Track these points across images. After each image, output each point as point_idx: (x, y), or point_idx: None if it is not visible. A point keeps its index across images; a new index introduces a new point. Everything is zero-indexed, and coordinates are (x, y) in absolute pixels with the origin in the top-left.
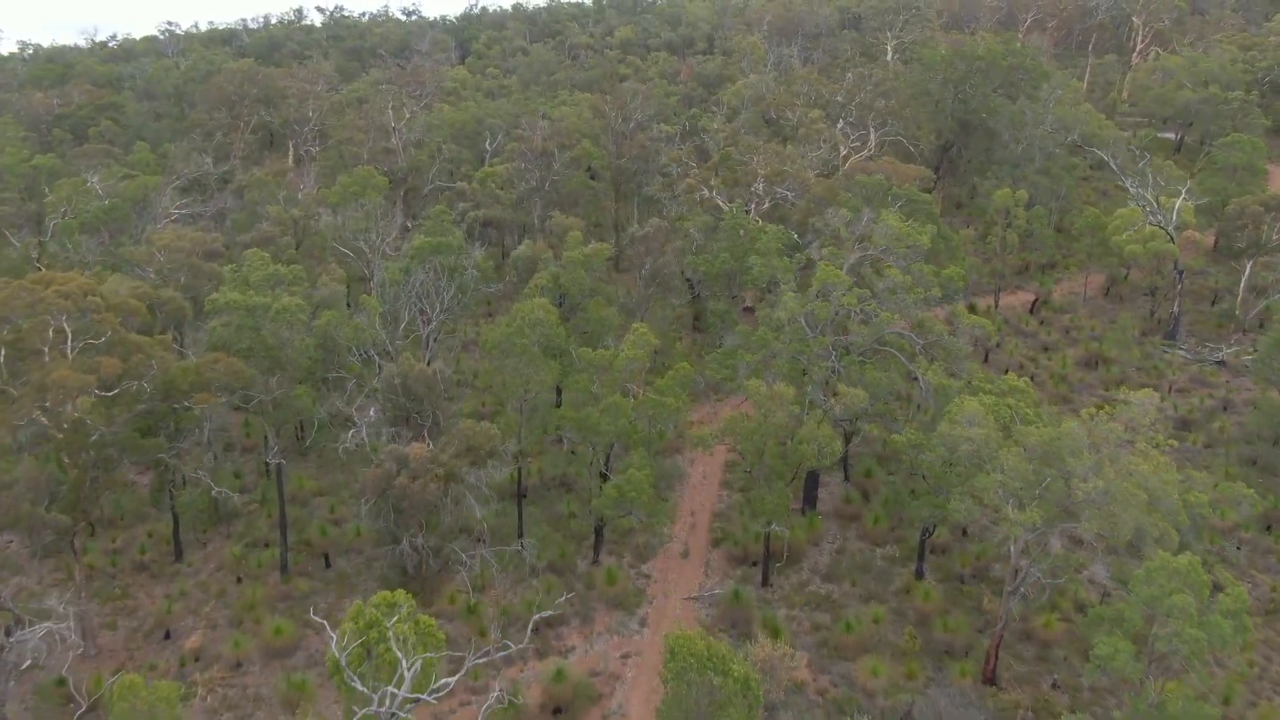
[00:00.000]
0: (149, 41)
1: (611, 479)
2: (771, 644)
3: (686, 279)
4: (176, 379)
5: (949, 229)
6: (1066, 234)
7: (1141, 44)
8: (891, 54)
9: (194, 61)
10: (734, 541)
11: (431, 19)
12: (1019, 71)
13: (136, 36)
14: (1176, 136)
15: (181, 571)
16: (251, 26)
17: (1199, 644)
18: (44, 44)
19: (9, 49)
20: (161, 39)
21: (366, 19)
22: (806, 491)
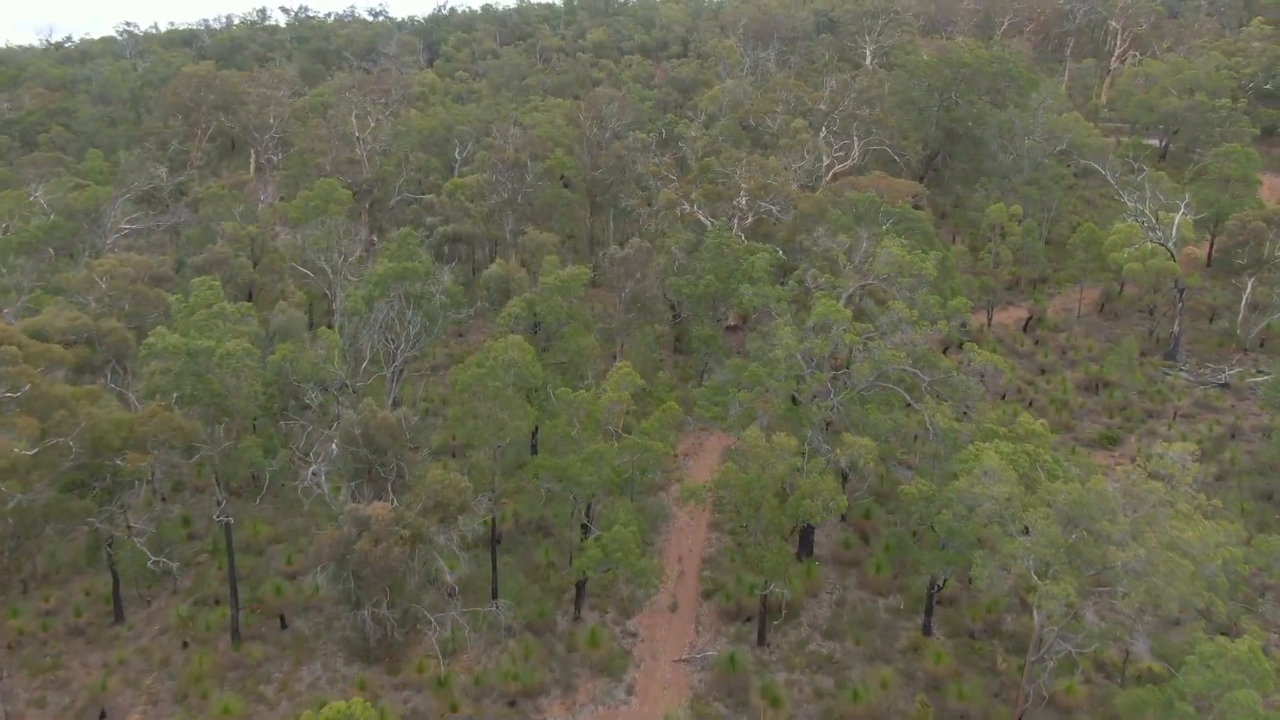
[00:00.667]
0: (106, 43)
1: (594, 532)
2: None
3: (668, 299)
4: (107, 435)
5: (944, 246)
6: (1056, 245)
7: (1120, 48)
8: (871, 59)
9: (153, 64)
10: (726, 595)
11: (399, 19)
12: (1005, 79)
13: (95, 37)
14: (1161, 143)
15: (121, 636)
16: (214, 26)
17: None
18: None
19: None
20: (120, 40)
21: (332, 20)
22: (802, 536)
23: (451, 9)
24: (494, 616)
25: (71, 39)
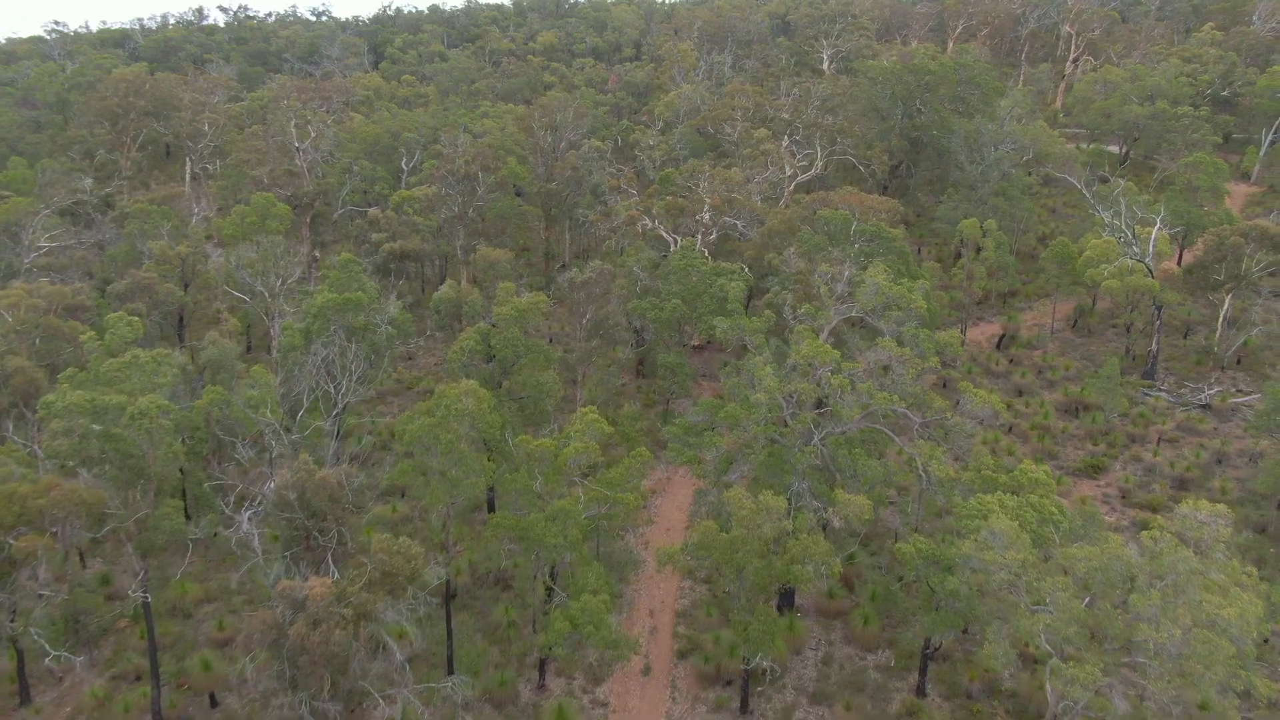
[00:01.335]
0: (34, 43)
1: (558, 595)
2: None
3: (630, 322)
4: None
5: (921, 267)
6: (1023, 256)
7: (1074, 53)
8: (829, 63)
9: (81, 65)
10: (704, 656)
11: (343, 20)
12: (969, 86)
13: (22, 36)
14: (1121, 150)
15: None
16: (149, 26)
17: None
18: None
19: None
20: (48, 40)
21: (273, 20)
22: (783, 588)
23: (397, 9)
24: (449, 692)
25: None
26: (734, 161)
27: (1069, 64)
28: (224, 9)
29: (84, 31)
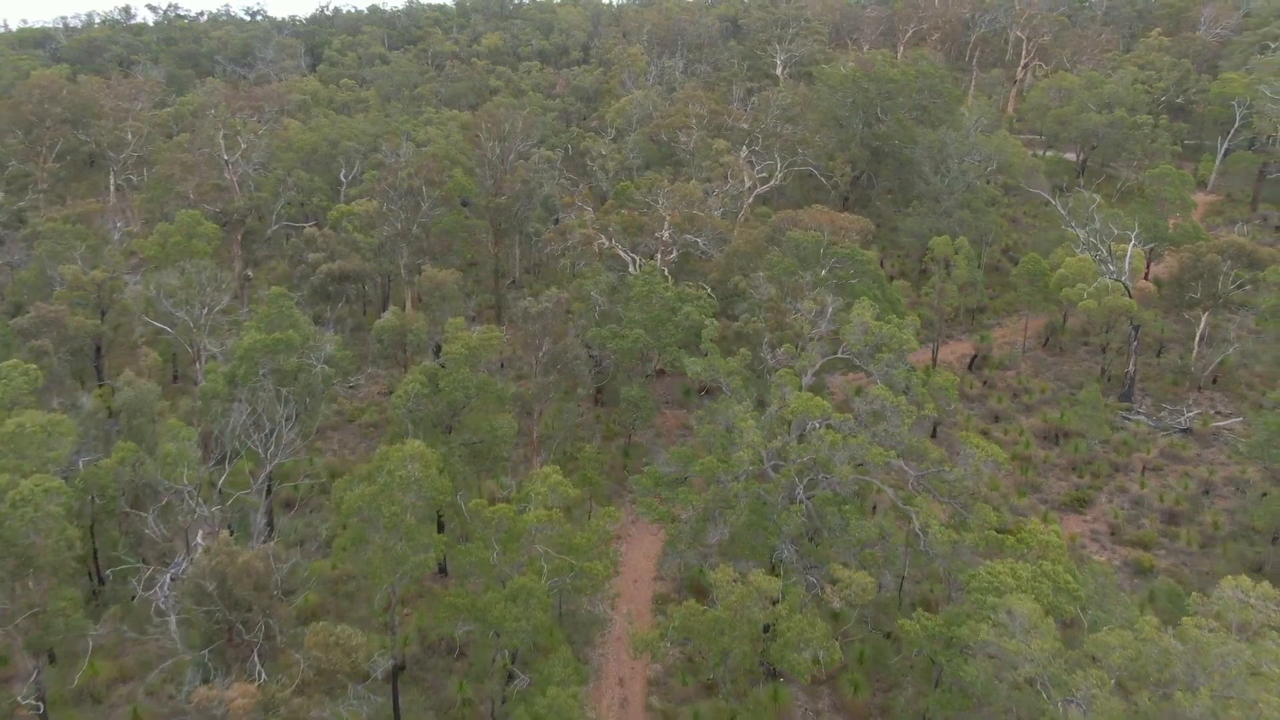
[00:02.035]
0: None
1: (519, 679)
2: None
3: (588, 349)
4: None
5: (893, 297)
6: (989, 270)
7: (1024, 58)
8: (782, 68)
9: None
10: None
11: (279, 19)
12: (932, 95)
13: None
14: (1079, 158)
15: None
16: (73, 25)
17: None
18: None
19: None
20: None
21: (205, 19)
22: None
23: (336, 10)
24: None
25: None
26: (691, 173)
27: (1020, 69)
28: (153, 8)
29: (2, 31)
